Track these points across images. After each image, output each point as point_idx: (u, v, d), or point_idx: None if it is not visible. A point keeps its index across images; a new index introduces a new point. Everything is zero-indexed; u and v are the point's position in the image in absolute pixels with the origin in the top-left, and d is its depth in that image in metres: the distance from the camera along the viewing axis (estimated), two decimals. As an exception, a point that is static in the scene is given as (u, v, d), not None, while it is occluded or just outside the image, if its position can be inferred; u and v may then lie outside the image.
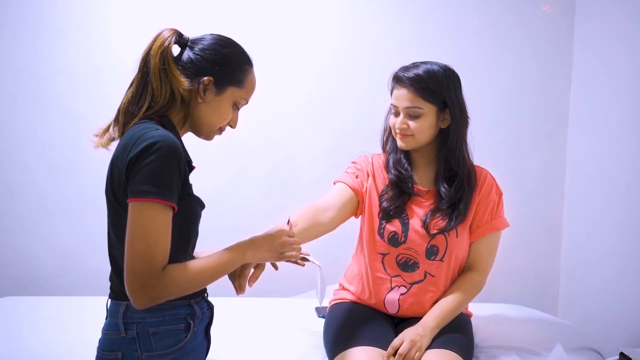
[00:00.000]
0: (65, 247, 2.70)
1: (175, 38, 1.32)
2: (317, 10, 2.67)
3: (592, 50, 2.57)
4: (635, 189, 2.26)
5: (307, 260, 1.54)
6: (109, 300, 1.34)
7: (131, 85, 1.34)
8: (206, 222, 1.46)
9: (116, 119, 1.35)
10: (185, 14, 2.60)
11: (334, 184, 1.81)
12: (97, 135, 1.37)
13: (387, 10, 2.68)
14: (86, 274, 2.68)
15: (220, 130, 1.41)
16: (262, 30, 2.65)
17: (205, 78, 1.30)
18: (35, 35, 2.62)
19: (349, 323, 1.71)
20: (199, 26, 1.66)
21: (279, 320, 2.05)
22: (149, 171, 1.15)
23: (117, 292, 1.30)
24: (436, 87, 1.66)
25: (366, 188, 1.77)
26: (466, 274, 1.75)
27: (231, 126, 1.42)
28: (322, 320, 2.03)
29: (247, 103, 1.42)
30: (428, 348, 1.59)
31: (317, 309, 2.15)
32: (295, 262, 1.54)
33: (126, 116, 1.31)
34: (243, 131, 1.53)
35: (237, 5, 2.64)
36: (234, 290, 1.42)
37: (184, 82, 1.28)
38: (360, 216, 1.81)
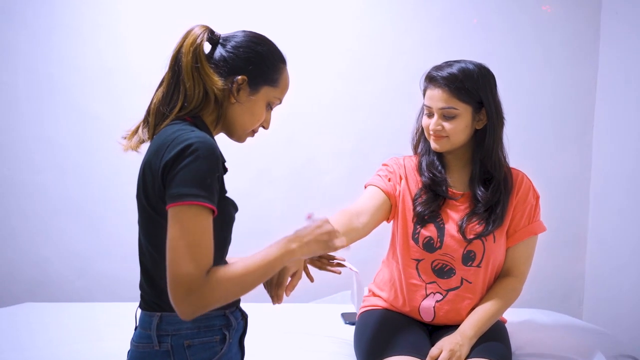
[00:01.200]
0: (77, 251, 2.64)
1: (207, 35, 1.26)
2: (337, 11, 2.62)
3: (618, 50, 2.52)
4: None
5: (342, 266, 1.49)
6: (139, 310, 1.27)
7: (161, 84, 1.28)
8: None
9: (145, 120, 1.29)
10: (200, 13, 2.54)
11: (365, 187, 1.75)
12: (125, 138, 1.32)
13: (406, 10, 2.62)
14: (100, 279, 2.63)
15: (253, 132, 1.36)
16: (282, 31, 2.57)
17: (239, 77, 1.24)
18: (45, 32, 2.56)
19: (383, 331, 1.65)
20: (215, 26, 1.60)
21: (305, 327, 1.99)
22: (187, 174, 1.09)
23: (149, 302, 1.24)
24: (472, 87, 1.60)
25: (399, 192, 1.71)
26: (503, 279, 1.69)
27: (264, 127, 1.37)
28: (350, 327, 1.98)
29: (280, 103, 1.36)
30: (467, 357, 1.54)
31: (344, 315, 2.09)
32: (332, 270, 1.48)
33: (157, 117, 1.25)
34: (264, 132, 1.48)
35: (256, 5, 2.58)
36: (270, 299, 1.37)
37: (218, 81, 1.22)
38: (392, 221, 1.75)
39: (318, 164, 2.65)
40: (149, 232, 1.21)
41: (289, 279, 1.37)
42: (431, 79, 1.64)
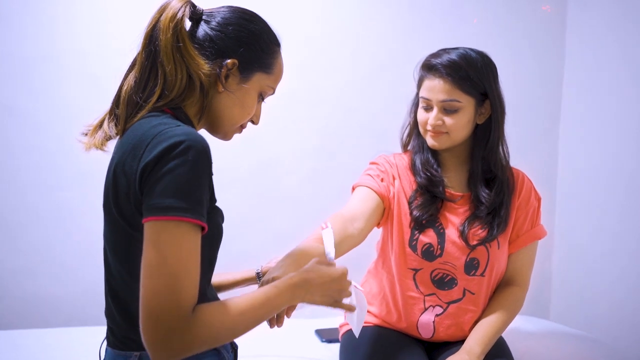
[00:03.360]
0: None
1: (190, 9, 1.03)
2: (296, 2, 2.39)
3: (585, 44, 2.47)
4: (631, 188, 2.18)
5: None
6: (107, 348, 1.01)
7: (132, 67, 1.04)
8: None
9: (112, 112, 1.04)
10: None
11: (353, 188, 1.55)
12: (86, 134, 1.06)
13: (370, 2, 2.45)
14: (24, 302, 2.25)
15: (241, 127, 1.14)
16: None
17: (229, 61, 1.03)
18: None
19: (377, 352, 1.46)
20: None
21: (274, 347, 1.76)
22: (173, 180, 0.86)
23: (122, 338, 0.99)
24: (476, 77, 1.44)
25: (393, 193, 1.52)
26: (506, 289, 1.54)
27: (253, 122, 1.15)
28: (327, 346, 1.77)
29: (273, 93, 1.14)
30: (476, 378, 1.37)
31: (319, 332, 1.88)
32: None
33: (129, 108, 1.01)
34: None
35: None
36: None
37: (204, 65, 1.00)
38: (383, 226, 1.57)
39: (279, 164, 2.41)
40: (121, 251, 0.96)
41: None
42: (430, 68, 1.47)
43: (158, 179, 0.86)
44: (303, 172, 2.41)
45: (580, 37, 2.50)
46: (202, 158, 0.88)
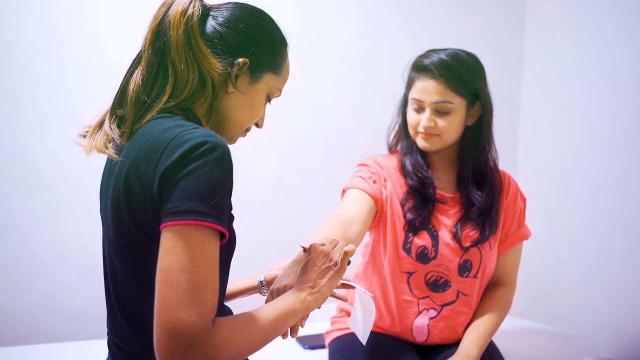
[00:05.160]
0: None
1: (199, 3, 0.97)
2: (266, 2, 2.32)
3: (543, 44, 2.53)
4: (591, 185, 2.25)
5: (350, 287, 1.22)
6: None
7: (136, 64, 0.97)
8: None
9: (112, 112, 0.97)
10: None
11: (344, 191, 1.51)
12: (84, 136, 0.98)
13: (339, 2, 2.41)
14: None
15: (246, 130, 1.08)
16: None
17: (241, 59, 0.97)
18: None
19: (371, 358, 1.43)
20: None
21: (256, 356, 1.69)
22: (193, 183, 0.80)
23: (134, 356, 0.91)
24: (468, 78, 1.45)
25: (386, 196, 1.49)
26: (496, 290, 1.55)
27: (258, 125, 1.10)
28: (311, 353, 1.73)
29: (280, 95, 1.10)
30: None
31: (300, 339, 1.82)
32: (338, 297, 1.22)
33: (137, 108, 0.93)
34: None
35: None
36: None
37: (217, 64, 0.94)
38: (374, 229, 1.54)
39: (242, 167, 2.33)
40: (134, 265, 0.88)
41: None
42: (422, 69, 1.45)
43: (177, 181, 0.80)
44: (267, 176, 2.34)
45: (539, 35, 2.56)
46: (225, 160, 0.83)
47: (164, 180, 0.81)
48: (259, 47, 0.99)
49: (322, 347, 1.72)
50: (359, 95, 2.40)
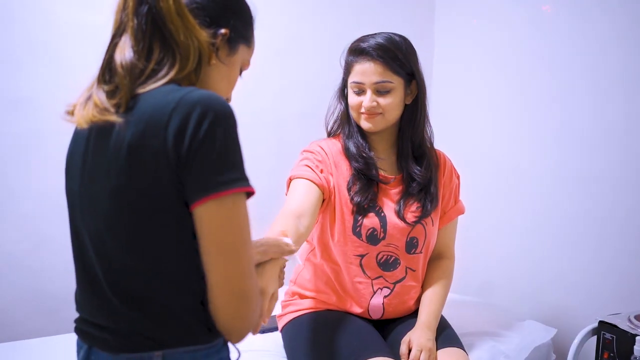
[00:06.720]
0: None
1: None
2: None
3: (453, 36, 2.63)
4: (499, 174, 2.39)
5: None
6: (102, 354, 0.89)
7: (120, 34, 0.91)
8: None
9: (100, 81, 0.91)
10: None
11: (290, 179, 1.51)
12: (70, 113, 0.94)
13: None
14: None
15: None
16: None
17: (223, 30, 0.97)
18: None
19: (332, 331, 1.46)
20: None
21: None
22: (221, 148, 0.82)
23: (139, 339, 0.87)
24: (404, 58, 1.50)
25: (334, 184, 1.51)
26: (440, 262, 1.64)
27: (228, 99, 1.08)
28: (265, 337, 1.71)
29: (248, 68, 1.09)
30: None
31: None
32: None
33: (132, 77, 0.88)
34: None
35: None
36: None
37: (204, 33, 0.93)
38: (321, 216, 1.55)
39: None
40: (143, 242, 0.86)
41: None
42: (361, 52, 1.49)
43: (198, 146, 0.81)
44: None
45: (448, 34, 2.68)
46: (234, 117, 0.85)
47: (181, 144, 0.81)
48: (236, 19, 1.00)
49: (275, 329, 1.71)
50: (283, 81, 2.38)
